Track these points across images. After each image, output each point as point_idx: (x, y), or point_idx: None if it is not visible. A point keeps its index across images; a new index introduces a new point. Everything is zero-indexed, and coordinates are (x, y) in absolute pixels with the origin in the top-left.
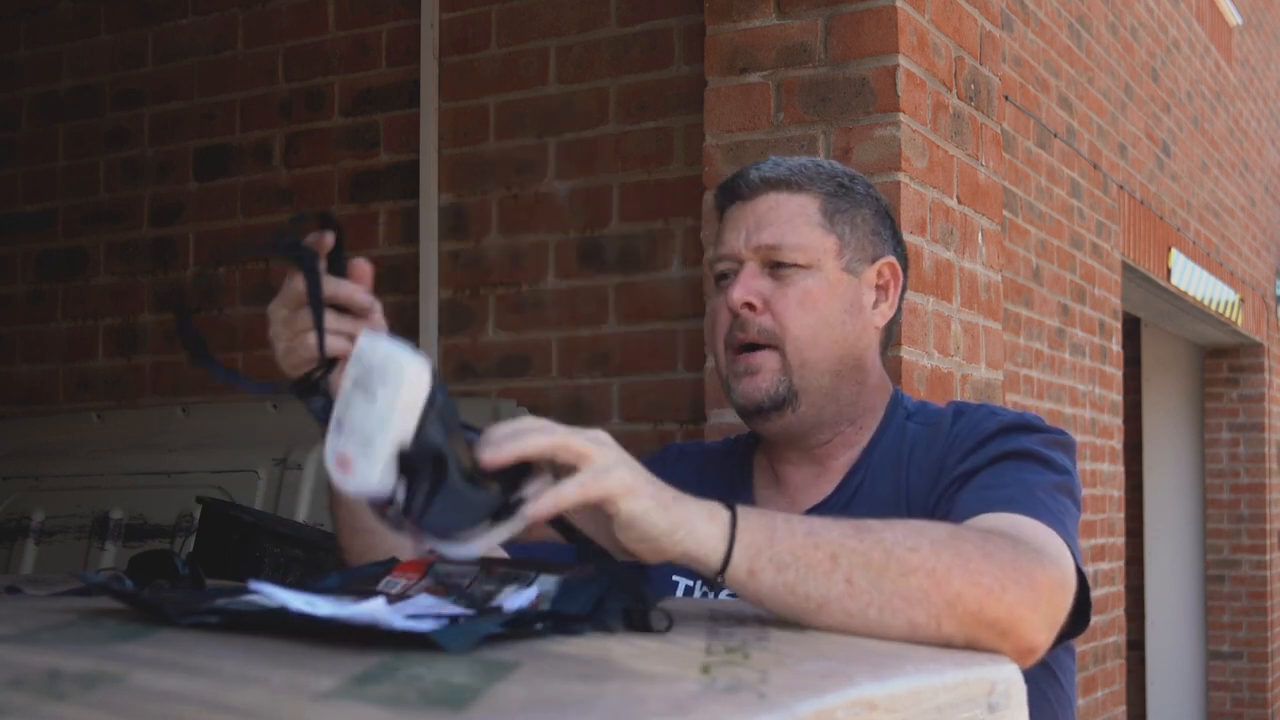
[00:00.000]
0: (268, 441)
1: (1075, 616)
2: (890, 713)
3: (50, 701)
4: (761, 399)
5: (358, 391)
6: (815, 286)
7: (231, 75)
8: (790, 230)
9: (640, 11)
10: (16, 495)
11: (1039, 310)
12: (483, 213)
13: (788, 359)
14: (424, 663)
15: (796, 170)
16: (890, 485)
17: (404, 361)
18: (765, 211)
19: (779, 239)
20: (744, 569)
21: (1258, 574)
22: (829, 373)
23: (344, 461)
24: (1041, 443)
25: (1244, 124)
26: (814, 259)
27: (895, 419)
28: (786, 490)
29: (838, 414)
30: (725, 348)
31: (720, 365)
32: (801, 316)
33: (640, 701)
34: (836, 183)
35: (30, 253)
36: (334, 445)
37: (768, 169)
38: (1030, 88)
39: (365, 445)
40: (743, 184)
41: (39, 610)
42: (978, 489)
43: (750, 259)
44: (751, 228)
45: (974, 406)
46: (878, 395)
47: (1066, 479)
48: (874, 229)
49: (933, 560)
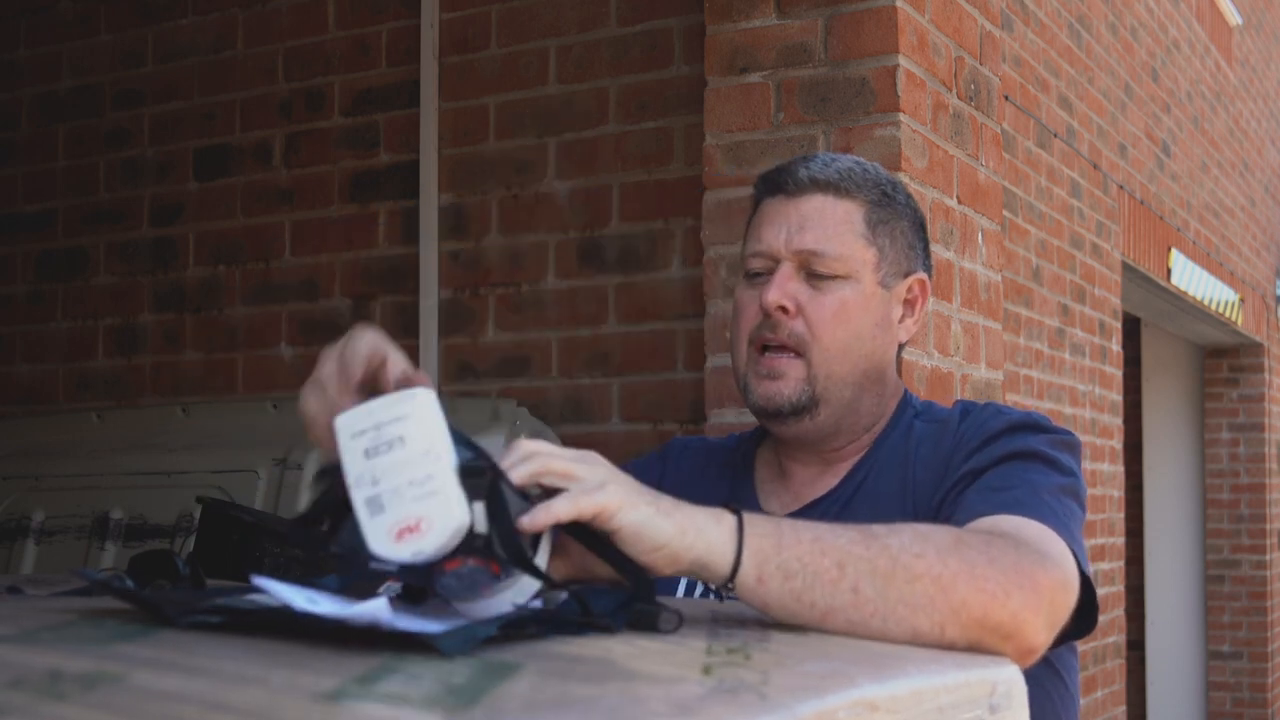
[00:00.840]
0: (268, 441)
1: (1081, 617)
2: (891, 714)
3: (51, 702)
4: (783, 404)
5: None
6: (851, 299)
7: (231, 75)
8: (835, 239)
9: (640, 11)
10: (16, 495)
11: (1039, 310)
12: (483, 213)
13: (814, 368)
14: (425, 663)
15: (845, 174)
16: (896, 482)
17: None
18: (810, 213)
19: (822, 246)
20: (753, 576)
21: (1258, 574)
22: (852, 385)
23: (407, 530)
24: (1048, 443)
25: (1244, 124)
26: (853, 270)
27: (903, 417)
28: (790, 483)
29: (855, 423)
30: (749, 344)
31: (740, 360)
32: (835, 328)
33: (641, 702)
34: (881, 191)
35: (30, 253)
36: (380, 528)
37: (817, 168)
38: (1030, 88)
39: (425, 490)
40: (789, 179)
41: (39, 610)
42: (983, 489)
43: (788, 260)
44: (794, 227)
45: (980, 406)
46: (892, 402)
47: (1072, 481)
48: (910, 243)
49: (938, 567)
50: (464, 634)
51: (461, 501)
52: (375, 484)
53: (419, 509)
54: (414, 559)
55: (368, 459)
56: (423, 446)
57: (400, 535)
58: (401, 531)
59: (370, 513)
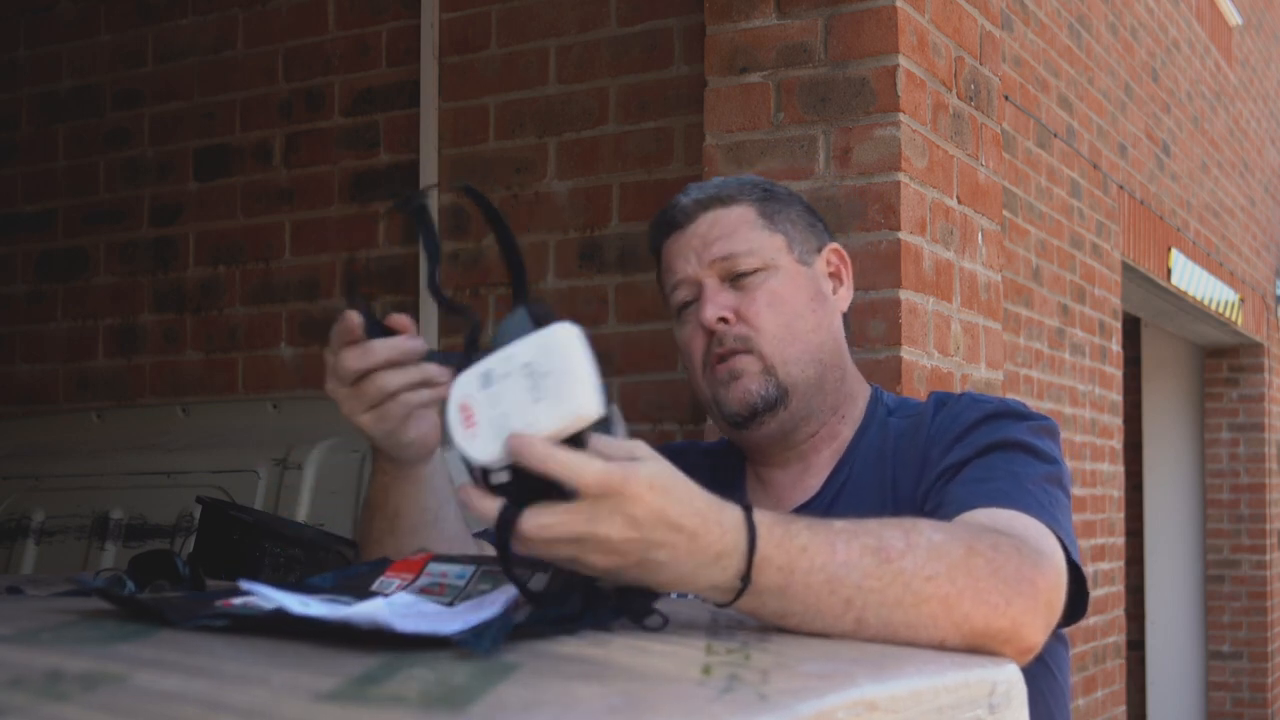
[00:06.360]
0: (268, 441)
1: (1071, 606)
2: (891, 713)
3: (51, 702)
4: (755, 401)
5: (528, 374)
6: (779, 284)
7: (231, 75)
8: (740, 238)
9: (640, 11)
10: (16, 495)
11: (1039, 310)
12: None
13: (768, 358)
14: (425, 663)
15: (723, 186)
16: (875, 483)
17: (585, 390)
18: (708, 229)
19: (732, 248)
20: (747, 609)
21: (1258, 574)
22: (812, 362)
23: (468, 416)
24: (1028, 431)
25: (1244, 124)
26: (769, 259)
27: (876, 416)
28: (772, 491)
29: (824, 403)
30: (705, 368)
31: (703, 388)
32: (773, 315)
33: (641, 702)
34: (761, 189)
35: (30, 253)
36: (467, 392)
37: (695, 192)
38: (1030, 88)
39: (502, 428)
40: (677, 213)
41: (40, 610)
42: (967, 482)
43: (709, 277)
44: (699, 247)
45: (955, 396)
46: (856, 385)
47: (1055, 468)
48: (809, 223)
49: (947, 586)
50: (492, 633)
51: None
52: (504, 377)
53: (485, 422)
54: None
55: (523, 367)
56: (540, 416)
57: (463, 410)
58: (466, 411)
59: (479, 373)
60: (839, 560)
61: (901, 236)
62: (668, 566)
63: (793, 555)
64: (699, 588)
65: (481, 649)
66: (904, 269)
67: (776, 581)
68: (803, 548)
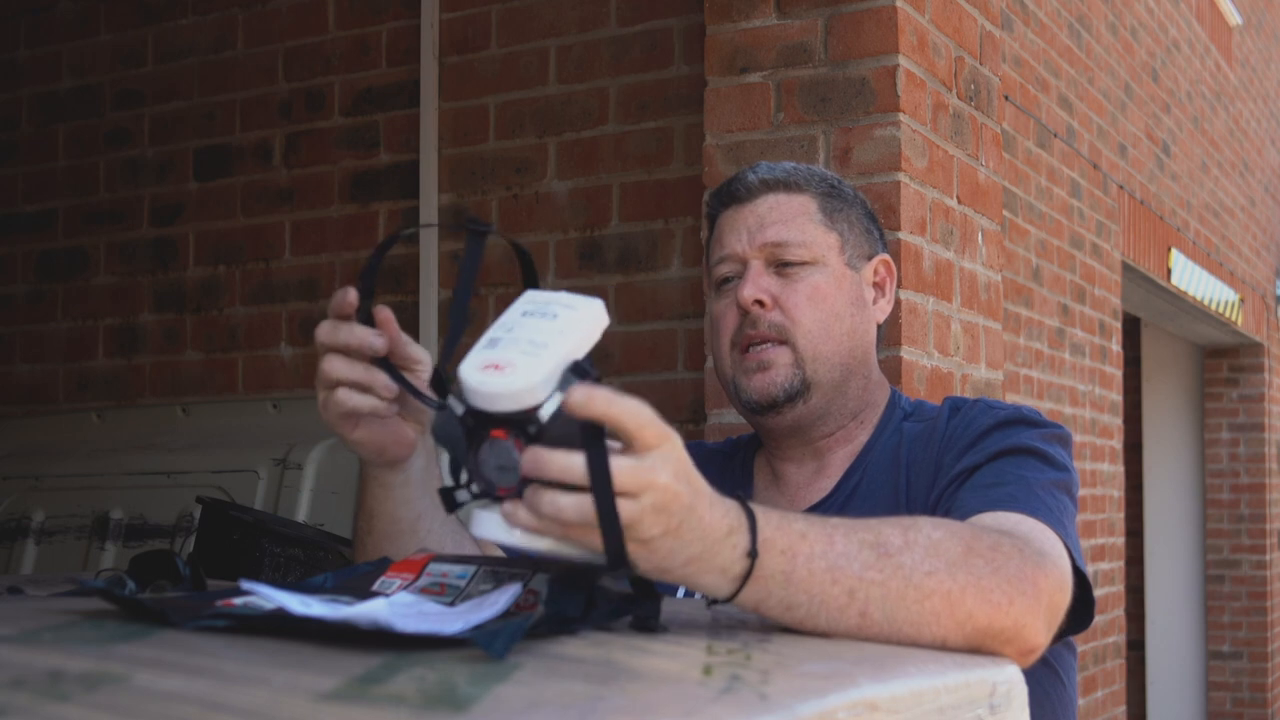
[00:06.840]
0: (268, 441)
1: (1077, 613)
2: (892, 714)
3: (52, 702)
4: (777, 393)
5: (529, 317)
6: (823, 281)
7: (231, 75)
8: (796, 228)
9: (640, 11)
10: (16, 495)
11: (1039, 310)
12: (483, 213)
13: (800, 352)
14: (426, 663)
15: (792, 172)
16: (888, 485)
17: (582, 297)
18: (767, 211)
19: (785, 236)
20: (749, 605)
21: (1258, 574)
22: (840, 365)
23: (493, 367)
24: (1040, 438)
25: (1244, 124)
26: (819, 255)
27: (893, 419)
28: (786, 489)
29: (844, 407)
30: (732, 347)
31: (725, 366)
32: (812, 311)
33: (642, 702)
34: (828, 184)
35: (30, 253)
36: (482, 359)
37: (764, 171)
38: (1030, 88)
39: (535, 348)
40: (740, 187)
41: (40, 610)
42: (978, 487)
43: (755, 258)
44: (754, 228)
45: (970, 402)
46: (879, 392)
47: (1065, 476)
48: (866, 228)
49: (949, 583)
50: (506, 635)
51: (548, 376)
52: (508, 331)
53: (516, 356)
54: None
55: (522, 316)
56: (563, 326)
57: (486, 368)
58: (488, 366)
59: (484, 345)
60: (838, 550)
61: (901, 236)
62: (692, 539)
63: (793, 540)
64: (709, 571)
65: (496, 653)
66: (904, 269)
67: (781, 566)
68: (801, 534)
